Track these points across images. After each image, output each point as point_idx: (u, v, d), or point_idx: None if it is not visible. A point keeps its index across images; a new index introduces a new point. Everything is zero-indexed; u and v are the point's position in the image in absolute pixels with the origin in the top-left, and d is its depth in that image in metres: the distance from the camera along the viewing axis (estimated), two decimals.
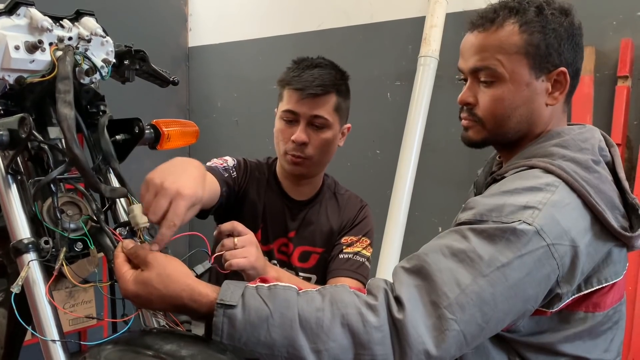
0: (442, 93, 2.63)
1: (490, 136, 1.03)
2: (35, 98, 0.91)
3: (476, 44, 1.00)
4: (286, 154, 1.35)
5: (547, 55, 0.97)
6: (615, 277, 0.94)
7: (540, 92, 0.99)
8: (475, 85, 1.02)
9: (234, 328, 0.78)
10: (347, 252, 1.36)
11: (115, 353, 0.78)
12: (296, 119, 1.33)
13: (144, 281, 0.80)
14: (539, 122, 1.01)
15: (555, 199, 0.88)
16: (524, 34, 0.96)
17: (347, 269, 1.33)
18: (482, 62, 0.99)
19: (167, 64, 3.55)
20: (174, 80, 1.14)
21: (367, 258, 1.37)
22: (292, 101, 1.32)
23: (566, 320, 0.94)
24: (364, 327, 0.78)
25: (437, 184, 2.76)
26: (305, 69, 1.35)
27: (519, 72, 0.98)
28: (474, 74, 1.02)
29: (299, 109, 1.32)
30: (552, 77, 0.99)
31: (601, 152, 0.98)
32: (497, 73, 0.98)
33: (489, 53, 0.99)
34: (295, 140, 1.32)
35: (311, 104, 1.32)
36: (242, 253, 1.06)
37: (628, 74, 2.25)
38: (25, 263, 0.82)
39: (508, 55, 0.97)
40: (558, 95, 1.00)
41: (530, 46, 0.97)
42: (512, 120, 1.00)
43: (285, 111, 1.34)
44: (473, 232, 0.86)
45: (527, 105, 0.99)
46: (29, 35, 0.85)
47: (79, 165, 0.79)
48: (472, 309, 0.80)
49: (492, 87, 1.00)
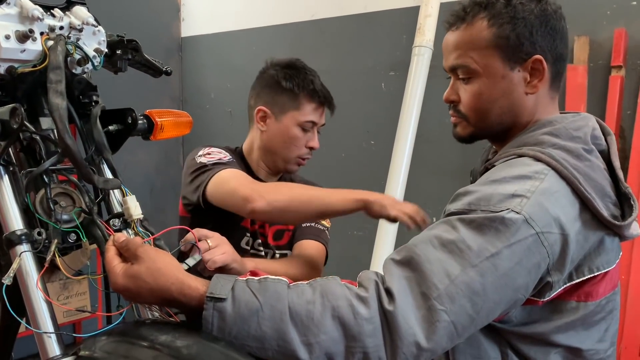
0: (436, 83, 2.62)
1: (476, 131, 1.05)
2: (27, 88, 0.89)
3: (452, 42, 1.03)
4: (298, 157, 1.48)
5: (518, 45, 0.97)
6: (607, 266, 0.94)
7: (517, 82, 0.99)
8: (456, 82, 1.05)
9: (224, 321, 0.78)
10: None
11: (110, 344, 0.78)
12: (312, 127, 1.48)
13: (134, 275, 0.80)
14: (523, 112, 1.01)
15: (543, 186, 0.88)
16: (493, 28, 0.98)
17: (309, 233, 1.48)
18: (457, 60, 1.01)
19: (159, 54, 3.51)
20: (167, 70, 1.13)
21: (326, 228, 1.53)
22: (316, 113, 1.47)
23: (558, 310, 0.94)
24: (354, 319, 0.78)
25: (432, 174, 2.76)
26: (312, 77, 1.47)
27: (492, 66, 0.99)
28: (453, 71, 1.04)
29: (320, 120, 1.49)
30: (528, 66, 0.99)
31: (595, 140, 0.97)
32: (471, 69, 1.00)
33: (462, 50, 1.00)
34: (313, 147, 1.48)
35: (323, 115, 1.50)
36: (219, 251, 1.12)
37: (622, 64, 2.25)
38: (18, 254, 0.82)
39: (479, 51, 0.99)
40: (537, 83, 1.00)
41: (500, 38, 0.97)
42: (493, 113, 1.01)
43: (308, 122, 1.46)
44: (462, 223, 0.86)
45: (506, 97, 1.00)
46: (19, 24, 0.83)
47: (71, 155, 0.78)
48: (462, 299, 0.81)
49: (469, 84, 1.01)
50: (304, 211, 1.28)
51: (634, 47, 2.27)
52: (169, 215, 3.23)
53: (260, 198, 1.23)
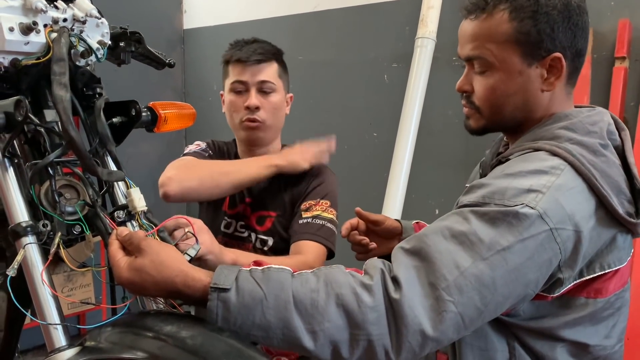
0: (439, 75, 2.62)
1: (488, 124, 1.03)
2: (31, 81, 0.90)
3: (469, 31, 0.99)
4: (242, 122, 1.46)
5: (539, 42, 0.94)
6: (619, 263, 0.93)
7: (534, 79, 0.97)
8: (471, 72, 1.02)
9: (229, 311, 0.78)
10: (305, 216, 1.42)
11: (115, 335, 0.78)
12: (246, 88, 1.45)
13: (138, 268, 0.80)
14: (537, 108, 0.99)
15: (560, 182, 0.86)
16: (514, 22, 0.94)
17: (306, 232, 1.39)
18: (474, 51, 0.98)
19: (161, 46, 3.52)
20: (170, 62, 1.13)
21: (328, 220, 1.42)
22: (239, 72, 1.45)
23: (567, 306, 0.93)
24: (358, 307, 0.79)
25: (434, 166, 2.76)
26: (244, 45, 1.48)
27: (510, 61, 0.96)
28: (469, 62, 1.01)
29: (247, 77, 1.45)
30: (546, 63, 0.96)
31: (610, 135, 0.96)
32: (488, 62, 0.97)
33: (479, 42, 0.97)
34: (249, 105, 1.43)
35: (256, 71, 1.45)
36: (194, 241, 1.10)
37: (625, 55, 2.24)
38: (23, 246, 0.82)
39: (498, 44, 0.95)
40: (554, 81, 0.97)
41: (521, 34, 0.94)
42: (507, 108, 0.99)
43: (234, 82, 1.46)
44: (474, 215, 0.85)
45: (521, 93, 0.98)
46: (23, 16, 0.83)
47: (76, 147, 0.78)
48: (471, 291, 0.80)
49: (484, 76, 0.99)
50: (219, 186, 1.35)
51: (638, 38, 2.26)
52: (173, 208, 3.23)
53: (170, 182, 1.31)
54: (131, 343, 0.76)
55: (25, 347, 2.84)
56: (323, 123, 3.07)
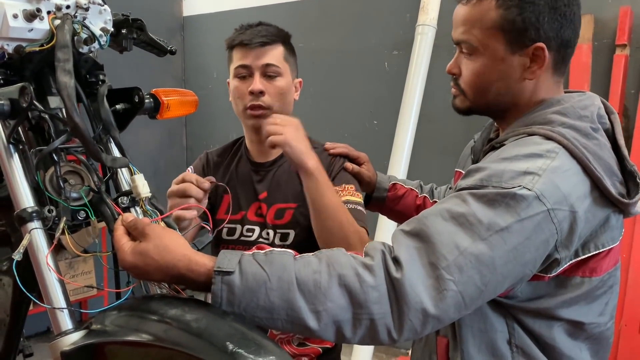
0: (440, 62, 2.62)
1: (473, 106, 1.06)
2: (35, 67, 0.90)
3: (460, 16, 1.02)
4: (246, 109, 1.38)
5: (523, 31, 0.96)
6: (612, 242, 0.96)
7: (516, 67, 0.99)
8: (460, 56, 1.04)
9: (233, 294, 0.79)
10: None
11: (121, 318, 0.80)
12: (250, 73, 1.37)
13: (142, 252, 0.81)
14: (521, 95, 1.01)
15: (555, 164, 0.89)
16: (501, 9, 0.96)
17: None
18: (463, 35, 1.01)
19: (161, 33, 3.49)
20: (172, 50, 1.13)
21: (357, 203, 1.35)
22: (242, 56, 1.37)
23: (563, 285, 0.96)
24: (360, 286, 0.80)
25: (435, 154, 2.77)
26: (248, 28, 1.41)
27: (494, 47, 0.98)
28: (458, 45, 1.04)
29: (250, 61, 1.37)
30: (529, 52, 0.98)
31: (600, 119, 0.98)
32: (474, 47, 1.00)
33: (468, 26, 1.00)
34: (252, 90, 1.35)
35: (260, 54, 1.37)
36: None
37: (626, 43, 2.24)
38: (29, 231, 0.83)
39: (484, 30, 0.98)
40: (537, 70, 0.99)
41: (506, 22, 0.96)
42: (490, 93, 1.02)
43: (237, 67, 1.38)
44: (473, 197, 0.87)
45: (503, 80, 1.00)
46: (26, 3, 0.83)
47: (80, 133, 0.79)
48: (471, 270, 0.82)
49: (471, 60, 1.01)
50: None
51: (639, 25, 2.26)
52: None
53: None
54: (136, 326, 0.77)
55: (28, 333, 2.86)
56: (323, 111, 3.07)
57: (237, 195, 1.44)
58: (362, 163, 1.46)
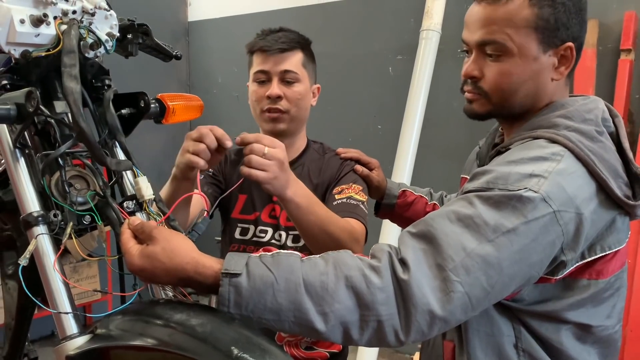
0: (444, 67, 2.62)
1: (495, 109, 1.03)
2: (41, 72, 0.90)
3: (484, 16, 0.99)
4: (263, 112, 1.41)
5: (555, 30, 0.96)
6: (618, 245, 0.96)
7: (547, 66, 0.99)
8: (481, 58, 1.01)
9: (240, 296, 0.79)
10: (339, 198, 1.38)
11: (125, 322, 0.79)
12: (268, 78, 1.41)
13: (149, 255, 0.81)
14: (543, 96, 1.02)
15: (561, 167, 0.89)
16: (534, 8, 0.95)
17: (342, 211, 1.33)
18: (490, 36, 0.98)
19: (166, 38, 3.51)
20: (177, 55, 1.13)
21: (361, 202, 1.37)
22: (262, 61, 1.41)
23: (570, 288, 0.96)
24: (367, 288, 0.80)
25: (439, 158, 2.76)
26: (268, 34, 1.44)
27: (527, 47, 0.97)
28: (481, 47, 1.00)
29: (269, 67, 1.40)
30: (560, 52, 0.98)
31: (605, 122, 0.98)
32: (506, 47, 0.97)
33: (497, 26, 0.97)
34: (270, 95, 1.38)
35: (279, 60, 1.40)
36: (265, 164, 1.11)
37: (631, 47, 2.24)
38: (35, 236, 0.83)
39: (517, 29, 0.96)
40: (564, 70, 1.00)
41: (540, 20, 0.96)
42: (518, 94, 1.00)
43: (256, 72, 1.42)
44: (479, 199, 0.87)
45: (533, 80, 0.99)
46: (33, 8, 0.84)
47: (86, 139, 0.79)
48: (477, 272, 0.82)
49: (499, 61, 0.99)
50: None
51: None
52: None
53: None
54: (141, 330, 0.77)
55: (32, 337, 2.87)
56: (328, 115, 3.07)
57: (251, 195, 1.45)
58: (372, 169, 1.48)
